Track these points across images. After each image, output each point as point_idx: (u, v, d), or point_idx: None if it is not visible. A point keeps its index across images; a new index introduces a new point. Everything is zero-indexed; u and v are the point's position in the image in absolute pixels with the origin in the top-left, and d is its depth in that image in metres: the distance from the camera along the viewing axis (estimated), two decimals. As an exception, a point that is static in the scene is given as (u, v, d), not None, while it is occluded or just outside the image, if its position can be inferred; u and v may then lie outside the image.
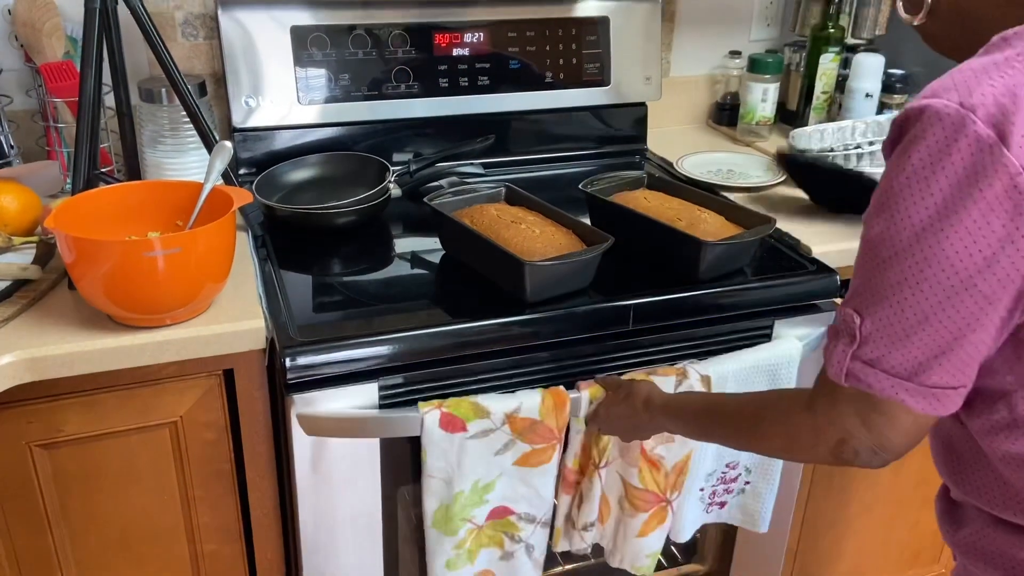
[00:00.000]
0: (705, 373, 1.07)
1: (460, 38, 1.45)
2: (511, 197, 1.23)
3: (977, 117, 0.60)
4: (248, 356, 1.01)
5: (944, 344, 0.65)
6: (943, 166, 0.61)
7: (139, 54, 1.36)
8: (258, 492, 1.10)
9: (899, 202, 0.64)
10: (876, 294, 0.66)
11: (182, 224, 1.04)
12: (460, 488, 1.02)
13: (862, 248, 0.69)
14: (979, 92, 0.61)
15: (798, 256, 1.23)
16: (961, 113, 0.61)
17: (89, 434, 1.00)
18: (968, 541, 0.79)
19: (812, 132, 1.51)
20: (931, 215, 0.62)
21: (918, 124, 0.63)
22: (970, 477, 0.77)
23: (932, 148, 0.62)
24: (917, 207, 0.63)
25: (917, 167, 0.63)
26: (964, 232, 0.62)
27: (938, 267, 0.63)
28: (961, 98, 0.61)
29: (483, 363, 1.04)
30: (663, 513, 1.13)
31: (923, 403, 0.67)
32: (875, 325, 0.66)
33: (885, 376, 0.67)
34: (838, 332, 0.70)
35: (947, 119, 0.61)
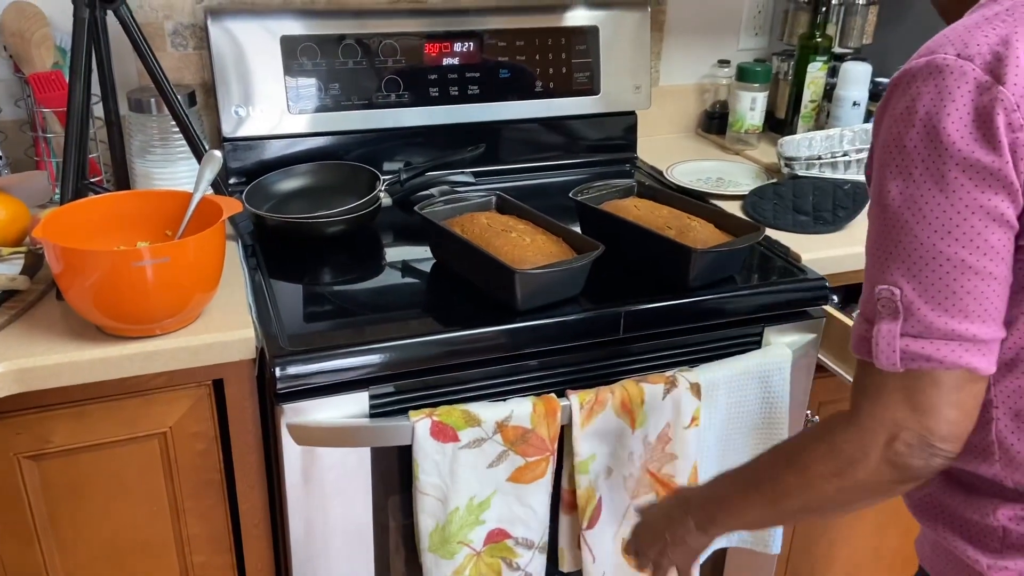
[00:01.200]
0: (695, 380, 1.07)
1: (450, 47, 1.46)
2: (502, 206, 1.23)
3: (975, 65, 0.63)
4: (238, 366, 1.00)
5: (989, 291, 0.65)
6: (949, 113, 0.63)
7: (128, 64, 1.36)
8: (248, 502, 1.09)
9: (914, 158, 0.64)
10: (911, 256, 0.65)
11: (171, 234, 1.03)
12: (455, 505, 1.02)
13: (881, 217, 0.67)
14: (974, 43, 0.64)
15: (788, 263, 1.24)
16: (959, 62, 0.64)
17: (78, 445, 0.99)
18: (923, 500, 0.81)
19: (800, 140, 1.52)
20: (949, 162, 0.63)
21: (919, 80, 0.65)
22: None
23: (937, 99, 0.64)
24: (933, 158, 0.64)
25: (925, 119, 0.64)
26: (983, 170, 0.63)
27: (967, 211, 0.63)
28: (958, 50, 0.64)
29: (474, 372, 1.04)
30: None
31: (986, 361, 0.65)
32: (918, 291, 0.65)
33: (944, 343, 0.65)
34: (874, 316, 0.67)
35: (947, 70, 0.64)
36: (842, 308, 1.41)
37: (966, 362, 0.65)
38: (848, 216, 1.34)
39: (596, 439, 1.05)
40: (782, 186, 1.42)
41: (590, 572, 1.10)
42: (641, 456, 1.09)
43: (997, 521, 0.73)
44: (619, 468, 1.09)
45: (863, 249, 1.25)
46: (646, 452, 1.09)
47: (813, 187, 1.39)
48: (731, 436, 1.15)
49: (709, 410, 1.10)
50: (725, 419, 1.13)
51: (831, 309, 1.23)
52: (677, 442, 1.08)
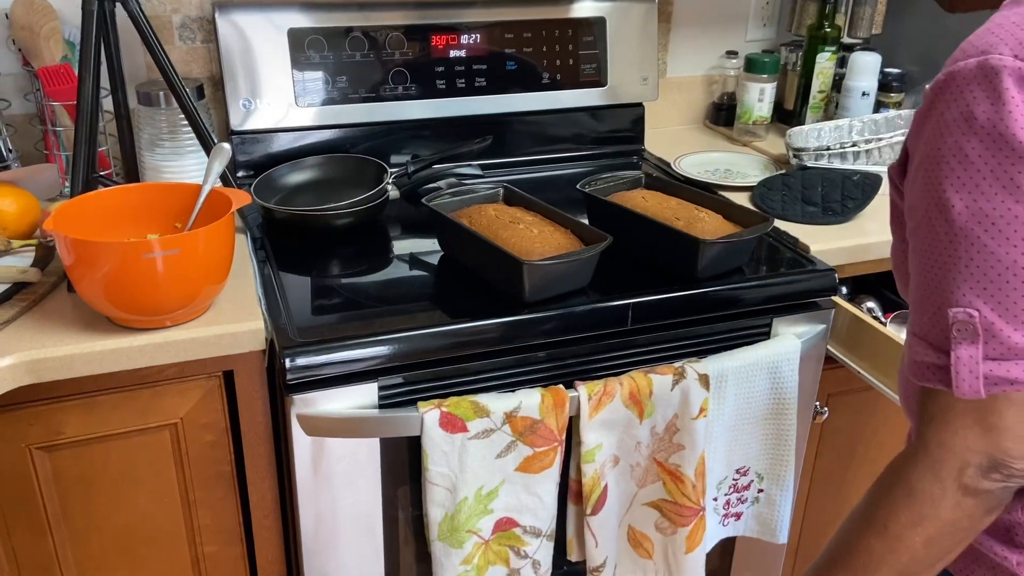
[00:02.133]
0: (703, 372, 1.07)
1: (457, 39, 1.46)
2: (509, 198, 1.23)
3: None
4: (248, 357, 1.01)
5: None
6: (1016, 118, 0.60)
7: (137, 57, 1.36)
8: (258, 493, 1.10)
9: (980, 167, 0.61)
10: (987, 274, 0.61)
11: (181, 226, 1.04)
12: (464, 495, 1.02)
13: (946, 234, 0.63)
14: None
15: (797, 254, 1.23)
16: (1018, 63, 0.60)
17: (89, 436, 1.00)
18: None
19: (809, 131, 1.51)
20: (1019, 171, 0.60)
21: (973, 83, 0.61)
22: None
23: (998, 103, 0.60)
24: (1004, 166, 0.60)
25: (988, 125, 0.60)
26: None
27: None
28: (1015, 51, 0.60)
29: (482, 363, 1.04)
30: (702, 522, 1.13)
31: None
32: (997, 310, 0.61)
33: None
34: (946, 342, 0.63)
35: (1005, 72, 0.60)
36: (851, 299, 1.40)
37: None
38: (857, 207, 1.33)
39: (604, 429, 1.06)
40: (791, 177, 1.42)
41: (593, 557, 1.11)
42: (649, 446, 1.09)
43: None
44: (626, 457, 1.09)
45: (872, 241, 1.27)
46: (654, 442, 1.09)
47: (822, 178, 1.38)
48: (739, 427, 1.15)
49: (717, 401, 1.10)
50: (733, 410, 1.13)
51: (840, 300, 1.23)
52: (685, 432, 1.09)
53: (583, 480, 1.07)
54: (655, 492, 1.12)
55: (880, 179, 1.37)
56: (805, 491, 1.42)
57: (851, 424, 1.39)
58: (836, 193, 1.35)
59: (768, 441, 1.17)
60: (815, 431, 1.35)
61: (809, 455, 1.38)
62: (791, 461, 1.18)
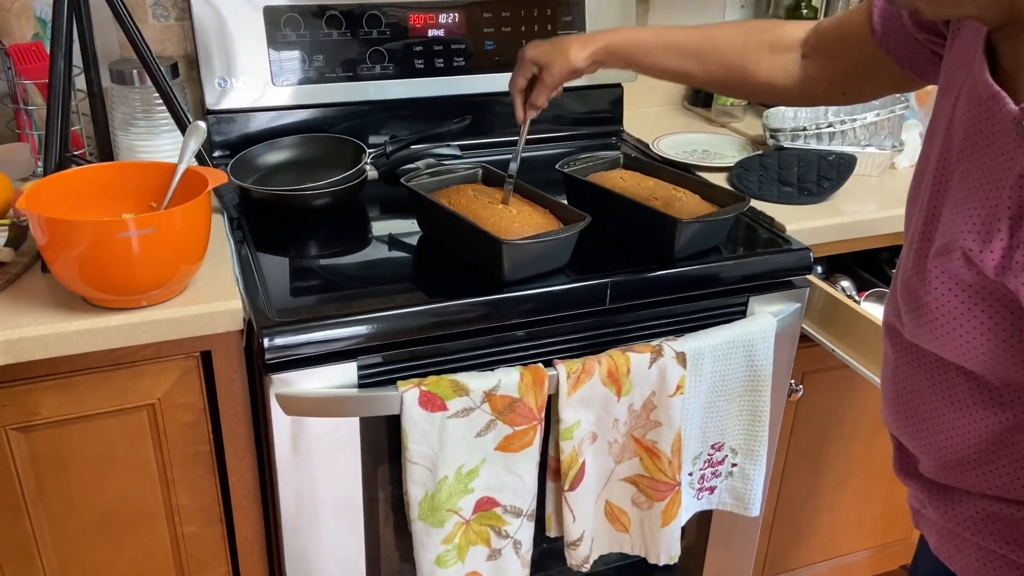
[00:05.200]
0: (680, 350, 1.09)
1: (435, 19, 1.45)
2: (488, 178, 1.23)
3: None
4: (226, 337, 1.01)
5: None
6: None
7: (110, 35, 1.34)
8: (238, 473, 1.10)
9: None
10: None
11: (156, 206, 1.03)
12: (444, 474, 1.03)
13: None
14: None
15: (773, 233, 1.25)
16: None
17: (66, 417, 0.99)
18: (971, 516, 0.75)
19: (786, 112, 1.52)
20: None
21: None
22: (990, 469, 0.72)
23: None
24: None
25: None
26: None
27: None
28: None
29: (461, 342, 1.04)
30: (678, 496, 1.15)
31: None
32: None
33: None
34: None
35: None
36: (826, 278, 1.42)
37: None
38: (832, 187, 1.35)
39: (582, 407, 1.07)
40: (767, 157, 1.43)
41: (570, 531, 1.12)
42: (626, 423, 1.10)
43: None
44: (604, 434, 1.10)
45: (847, 220, 1.28)
46: (631, 419, 1.10)
47: (798, 158, 1.40)
48: (715, 403, 1.16)
49: (694, 378, 1.11)
50: (710, 387, 1.14)
51: (815, 279, 1.25)
52: (662, 409, 1.10)
53: (561, 457, 1.08)
54: (632, 468, 1.14)
55: (854, 159, 1.38)
56: (781, 467, 1.45)
57: (826, 401, 1.42)
58: (812, 173, 1.37)
59: (743, 417, 1.19)
60: (790, 408, 1.37)
61: (784, 432, 1.40)
62: (764, 437, 1.19)
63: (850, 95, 0.98)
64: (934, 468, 0.78)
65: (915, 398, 0.78)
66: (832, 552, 1.63)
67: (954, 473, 0.76)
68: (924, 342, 0.73)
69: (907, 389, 0.79)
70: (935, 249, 0.70)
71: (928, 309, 0.70)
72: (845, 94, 0.98)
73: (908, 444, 0.81)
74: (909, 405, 0.79)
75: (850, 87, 0.96)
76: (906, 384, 0.79)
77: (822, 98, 1.01)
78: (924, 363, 0.76)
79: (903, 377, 0.79)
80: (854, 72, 0.94)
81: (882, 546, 1.67)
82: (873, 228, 1.32)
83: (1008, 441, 0.70)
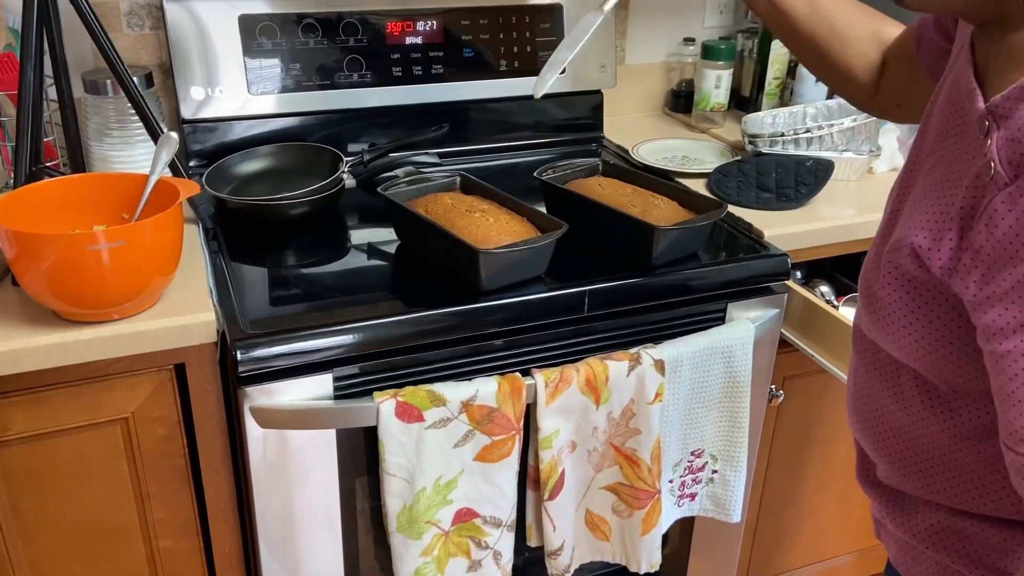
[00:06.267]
0: (659, 357, 1.08)
1: (412, 26, 1.45)
2: (466, 186, 1.23)
3: None
4: (200, 350, 1.00)
5: None
6: None
7: (84, 45, 1.32)
8: (214, 487, 1.09)
9: None
10: None
11: (128, 217, 1.02)
12: (422, 485, 1.02)
13: None
14: None
15: (751, 239, 1.25)
16: None
17: (38, 432, 0.98)
18: (918, 526, 0.76)
19: (764, 117, 1.53)
20: None
21: None
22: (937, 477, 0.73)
23: None
24: None
25: None
26: None
27: None
28: None
29: (439, 352, 1.04)
30: (658, 504, 1.14)
31: None
32: None
33: None
34: None
35: None
36: (805, 283, 1.42)
37: None
38: (810, 192, 1.35)
39: (561, 415, 1.06)
40: (746, 163, 1.43)
41: (551, 541, 1.12)
42: (605, 431, 1.10)
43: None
44: (583, 442, 1.10)
45: (825, 226, 1.29)
46: (610, 427, 1.10)
47: (776, 164, 1.40)
48: (694, 410, 1.16)
49: (673, 386, 1.11)
50: (688, 394, 1.14)
51: (793, 284, 1.25)
52: (641, 417, 1.10)
53: (540, 466, 1.08)
54: (612, 476, 1.13)
55: (832, 165, 1.39)
56: (762, 472, 1.45)
57: (806, 406, 1.42)
58: (790, 179, 1.37)
59: (722, 424, 1.19)
60: (771, 413, 1.38)
61: (765, 437, 1.40)
62: (744, 443, 1.19)
63: (904, 109, 0.95)
64: (889, 474, 0.78)
65: (872, 399, 0.78)
66: (815, 557, 1.63)
67: (908, 479, 0.76)
68: (877, 338, 0.73)
69: (865, 390, 0.79)
70: (891, 243, 0.70)
71: (881, 304, 0.70)
72: (899, 107, 0.95)
73: (866, 447, 0.81)
74: (867, 406, 0.79)
75: (904, 100, 0.94)
76: (864, 385, 0.79)
77: (877, 106, 0.97)
78: (880, 364, 0.76)
79: (862, 378, 0.79)
80: (905, 84, 0.92)
81: (865, 550, 1.68)
82: (851, 233, 1.32)
83: (957, 450, 0.70)
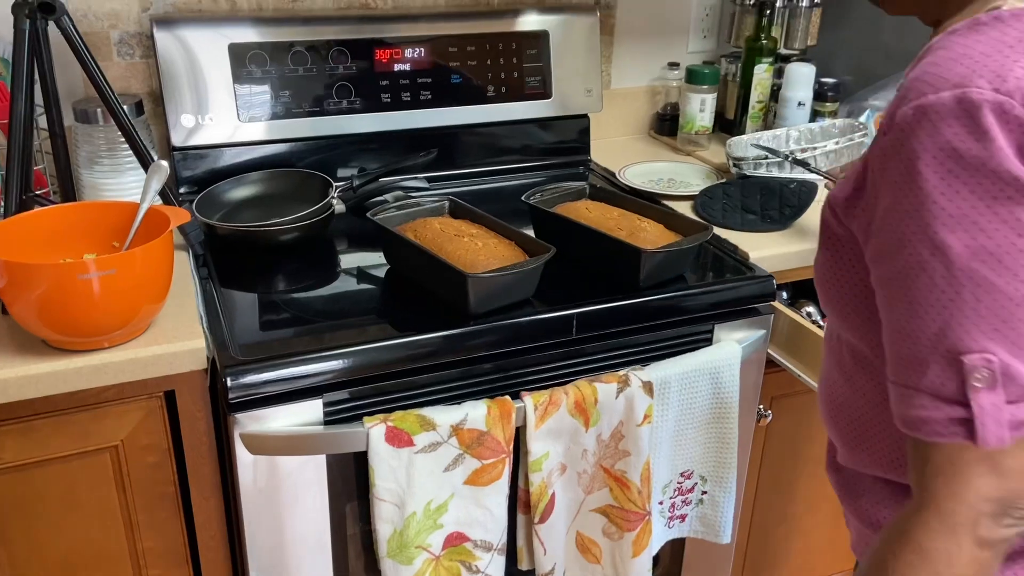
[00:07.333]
0: (647, 379, 1.09)
1: (401, 53, 1.46)
2: (455, 210, 1.24)
3: (1016, 102, 0.58)
4: (190, 376, 1.00)
5: None
6: (1007, 154, 0.57)
7: (74, 73, 1.34)
8: (204, 514, 1.08)
9: (977, 205, 0.58)
10: (999, 314, 0.58)
11: (119, 245, 1.03)
12: (412, 509, 1.02)
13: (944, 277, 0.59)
14: (1011, 76, 0.58)
15: (737, 261, 1.26)
16: (999, 98, 0.58)
17: (27, 461, 0.98)
18: (866, 510, 0.80)
19: (748, 140, 1.55)
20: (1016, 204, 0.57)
21: (952, 118, 0.58)
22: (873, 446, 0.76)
23: (984, 138, 0.58)
24: (1002, 201, 0.58)
25: (975, 163, 0.58)
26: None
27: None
28: (994, 85, 0.58)
29: (428, 376, 1.04)
30: (648, 526, 1.15)
31: None
32: (1012, 350, 0.58)
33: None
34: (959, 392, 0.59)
35: (986, 107, 0.57)
36: (791, 304, 1.44)
37: None
38: (794, 214, 1.37)
39: (550, 438, 1.07)
40: (731, 186, 1.45)
41: (541, 564, 1.12)
42: (595, 453, 1.10)
43: None
44: (573, 465, 1.10)
45: (809, 247, 1.30)
46: (600, 449, 1.10)
47: (760, 186, 1.42)
48: (683, 431, 1.17)
49: (661, 407, 1.12)
50: (677, 415, 1.15)
51: (779, 305, 1.26)
52: (630, 439, 1.10)
53: (531, 489, 1.08)
54: (602, 498, 1.14)
55: (816, 187, 1.41)
56: (752, 492, 1.45)
57: (794, 426, 1.43)
58: (774, 201, 1.39)
59: (711, 445, 1.19)
60: (759, 434, 1.38)
61: (754, 457, 1.41)
62: (733, 463, 1.20)
63: None
64: (843, 452, 0.82)
65: (827, 380, 0.83)
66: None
67: (855, 453, 0.80)
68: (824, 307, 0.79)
69: (824, 374, 0.84)
70: None
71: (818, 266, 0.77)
72: None
73: (828, 430, 0.85)
74: (825, 389, 0.84)
75: None
76: (824, 370, 0.84)
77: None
78: (832, 344, 0.81)
79: (824, 366, 0.84)
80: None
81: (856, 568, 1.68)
82: (835, 254, 1.34)
83: (886, 412, 0.72)
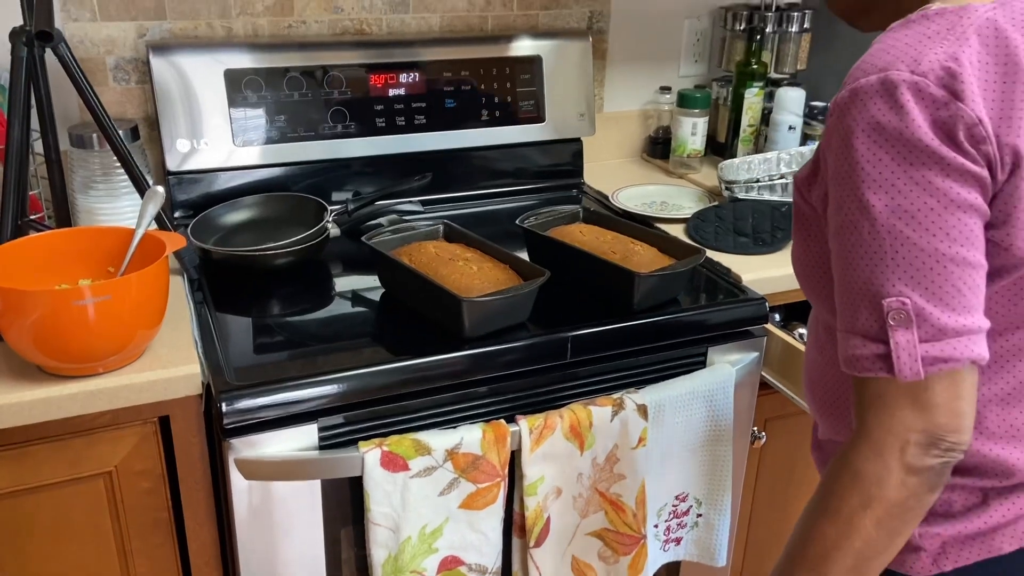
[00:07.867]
0: (642, 402, 1.10)
1: (395, 78, 1.48)
2: (449, 234, 1.24)
3: (930, 81, 0.66)
4: (184, 402, 1.00)
5: (981, 281, 0.68)
6: (919, 125, 0.66)
7: (70, 99, 1.34)
8: (198, 540, 1.08)
9: (894, 170, 0.67)
10: (913, 264, 0.67)
11: (114, 271, 1.03)
12: (407, 534, 1.02)
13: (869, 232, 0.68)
14: (926, 60, 0.67)
15: (729, 284, 1.27)
16: (914, 78, 0.67)
17: (21, 487, 0.97)
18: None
19: (740, 163, 1.56)
20: (934, 168, 0.66)
21: (877, 97, 0.67)
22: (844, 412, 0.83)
23: (901, 113, 0.66)
24: (916, 166, 0.66)
25: (894, 133, 0.67)
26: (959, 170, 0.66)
27: (958, 210, 0.67)
28: (911, 67, 0.67)
29: (423, 400, 1.04)
30: (644, 549, 1.14)
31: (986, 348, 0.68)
32: (925, 296, 0.67)
33: (957, 340, 0.67)
34: (880, 332, 0.68)
35: (903, 86, 0.67)
36: (784, 326, 1.45)
37: (976, 353, 0.67)
38: (786, 237, 1.38)
39: (545, 462, 1.07)
40: (723, 209, 1.46)
41: None
42: (590, 476, 1.10)
43: None
44: (568, 488, 1.10)
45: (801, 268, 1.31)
46: (595, 472, 1.10)
47: (752, 209, 1.43)
48: (677, 454, 1.17)
49: (656, 430, 1.12)
50: (671, 438, 1.15)
51: (772, 327, 1.27)
52: (625, 462, 1.10)
53: (526, 513, 1.08)
54: (597, 522, 1.14)
55: (807, 209, 1.42)
56: (747, 514, 1.45)
57: (788, 447, 1.43)
58: (766, 224, 1.40)
59: (705, 467, 1.20)
60: (754, 455, 1.39)
61: (749, 479, 1.41)
62: (728, 486, 1.20)
63: None
64: (822, 426, 0.88)
65: (808, 358, 0.90)
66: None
67: (831, 424, 0.86)
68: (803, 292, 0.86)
69: (807, 356, 0.91)
70: None
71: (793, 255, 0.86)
72: None
73: (809, 407, 0.91)
74: (806, 368, 0.92)
75: None
76: (806, 353, 0.91)
77: None
78: (811, 324, 0.89)
79: (807, 351, 0.91)
80: None
81: None
82: (827, 276, 1.35)
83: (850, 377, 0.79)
